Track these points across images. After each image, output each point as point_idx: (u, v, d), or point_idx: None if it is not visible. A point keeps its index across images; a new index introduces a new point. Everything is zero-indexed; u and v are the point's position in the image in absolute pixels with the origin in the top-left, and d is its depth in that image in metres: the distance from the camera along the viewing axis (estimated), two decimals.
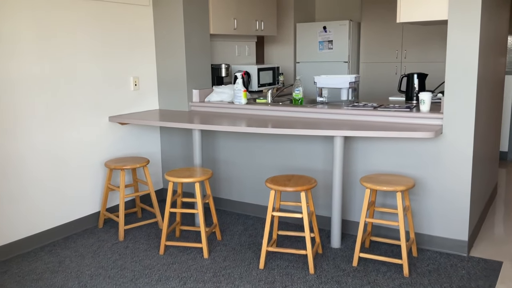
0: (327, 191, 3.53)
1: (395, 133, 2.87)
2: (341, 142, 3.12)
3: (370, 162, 3.31)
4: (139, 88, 4.05)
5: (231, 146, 3.90)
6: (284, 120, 3.44)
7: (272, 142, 3.70)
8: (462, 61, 2.89)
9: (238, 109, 3.84)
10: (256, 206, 3.86)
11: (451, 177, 3.04)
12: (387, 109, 3.25)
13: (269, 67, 5.05)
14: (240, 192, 3.93)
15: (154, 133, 4.25)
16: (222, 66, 4.52)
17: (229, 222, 3.76)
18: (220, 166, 3.99)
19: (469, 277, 2.77)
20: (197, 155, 3.58)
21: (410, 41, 5.78)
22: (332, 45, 5.92)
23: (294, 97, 3.70)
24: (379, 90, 6.00)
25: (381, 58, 6.01)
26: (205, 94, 4.16)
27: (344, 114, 3.37)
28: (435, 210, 3.13)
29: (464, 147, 2.96)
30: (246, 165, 3.85)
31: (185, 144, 4.16)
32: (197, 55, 4.10)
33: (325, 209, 3.57)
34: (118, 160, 3.62)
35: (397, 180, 2.90)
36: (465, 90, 2.91)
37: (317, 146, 3.51)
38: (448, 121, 2.99)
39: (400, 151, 3.19)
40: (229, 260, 3.07)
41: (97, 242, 3.41)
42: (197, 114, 3.88)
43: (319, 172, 3.53)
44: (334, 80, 3.64)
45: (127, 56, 3.90)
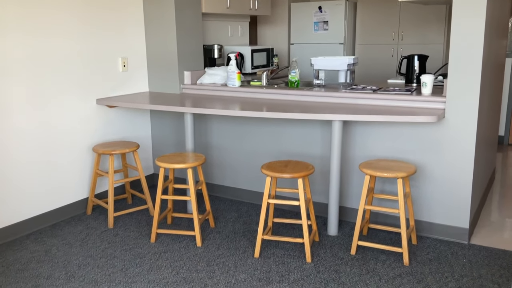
0: (323, 177, 3.43)
1: (397, 117, 2.75)
2: (340, 127, 3.00)
3: (369, 147, 3.20)
4: (127, 70, 3.88)
5: (224, 130, 3.77)
6: (279, 103, 3.30)
7: (267, 126, 3.57)
8: (466, 42, 2.77)
9: (231, 92, 3.70)
10: (250, 192, 3.75)
11: (452, 163, 2.94)
12: (387, 92, 3.13)
13: (263, 49, 4.89)
14: (233, 178, 3.82)
15: (144, 116, 4.10)
16: (215, 47, 4.36)
17: (222, 208, 3.64)
18: (212, 151, 3.86)
19: (471, 265, 2.69)
20: (189, 139, 3.44)
21: (408, 22, 5.64)
22: (327, 26, 5.76)
23: (290, 80, 3.56)
24: (375, 73, 5.87)
25: (377, 40, 5.87)
26: (197, 76, 4.00)
27: (342, 97, 3.25)
28: (435, 196, 3.04)
29: (467, 132, 2.86)
30: (240, 150, 3.72)
31: (176, 128, 4.02)
32: (189, 35, 3.93)
33: (321, 195, 3.47)
34: (106, 145, 3.47)
35: (398, 166, 2.79)
36: (469, 73, 2.79)
37: (314, 131, 3.39)
38: (451, 105, 2.88)
39: (400, 135, 3.08)
40: (223, 248, 2.97)
41: (85, 230, 3.28)
42: (189, 97, 3.73)
43: (316, 158, 3.42)
44: (332, 61, 3.50)
45: (115, 36, 3.72)
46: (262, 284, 2.54)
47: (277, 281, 2.57)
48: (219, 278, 2.60)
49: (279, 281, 2.56)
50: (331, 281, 2.55)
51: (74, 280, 2.61)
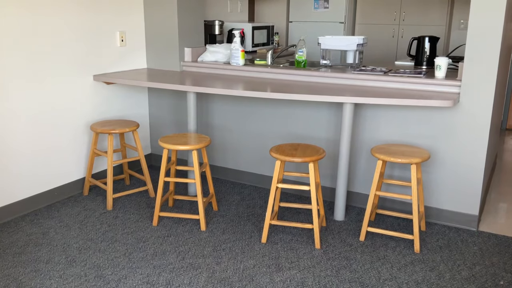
0: (330, 160, 3.34)
1: (412, 100, 2.66)
2: (351, 110, 2.90)
3: (378, 131, 3.12)
4: (126, 45, 3.70)
5: (226, 110, 3.64)
6: (285, 83, 3.18)
7: (271, 108, 3.46)
8: (486, 25, 2.67)
9: (234, 71, 3.56)
10: (253, 174, 3.65)
11: (465, 149, 2.87)
12: (399, 75, 3.03)
13: (264, 26, 4.74)
14: (235, 160, 3.71)
15: (142, 94, 3.94)
16: (216, 23, 4.19)
17: (225, 191, 3.54)
18: (214, 131, 3.74)
19: (482, 253, 2.65)
20: (192, 120, 3.31)
21: (410, 3, 5.52)
22: (328, 4, 5.61)
23: (297, 59, 3.43)
24: (376, 54, 5.76)
25: (378, 20, 5.74)
26: (198, 53, 3.85)
27: (351, 79, 3.14)
28: (445, 182, 2.98)
29: (481, 118, 2.79)
30: (243, 131, 3.61)
31: (175, 107, 3.88)
32: (190, 9, 3.76)
33: (327, 180, 3.39)
34: (104, 123, 3.32)
35: (411, 152, 2.72)
36: (487, 57, 2.70)
37: (320, 113, 3.29)
38: (467, 89, 2.79)
39: (411, 119, 3.00)
40: (228, 233, 2.88)
41: (83, 211, 3.16)
42: (190, 75, 3.58)
43: (322, 140, 3.33)
44: (341, 41, 3.38)
45: (112, 9, 3.54)
46: (272, 271, 2.46)
47: (287, 267, 2.50)
48: (227, 264, 2.52)
49: (289, 268, 2.49)
50: (342, 268, 2.49)
51: (76, 265, 2.50)
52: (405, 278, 2.41)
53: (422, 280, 2.39)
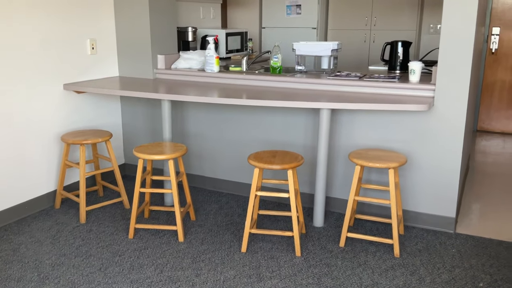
0: (308, 166, 3.33)
1: (388, 105, 2.67)
2: (328, 116, 2.90)
3: (355, 136, 3.12)
4: (96, 52, 3.61)
5: (202, 118, 3.59)
6: (261, 90, 3.16)
7: (248, 114, 3.43)
8: (458, 29, 2.71)
9: (209, 78, 3.52)
10: (230, 182, 3.60)
11: (440, 152, 2.90)
12: (374, 80, 3.04)
13: (238, 32, 4.71)
14: (212, 168, 3.66)
15: (114, 103, 3.85)
16: (189, 30, 4.14)
17: (202, 200, 3.48)
18: (189, 139, 3.68)
19: (461, 256, 2.68)
20: (167, 128, 3.24)
21: (380, 8, 5.59)
22: (300, 10, 5.63)
23: (272, 65, 3.41)
24: (348, 58, 5.81)
25: (350, 25, 5.80)
26: (171, 60, 3.79)
27: (327, 84, 3.14)
28: (422, 186, 3.01)
29: (456, 121, 2.82)
30: (219, 139, 3.56)
31: (149, 116, 3.80)
32: (162, 15, 3.70)
33: (306, 186, 3.37)
34: (76, 134, 3.22)
35: (388, 156, 2.73)
36: (460, 60, 2.74)
37: (298, 119, 3.27)
38: (441, 92, 2.83)
39: (387, 124, 3.02)
40: (207, 243, 2.82)
41: (55, 226, 3.05)
42: (164, 82, 3.52)
43: (300, 147, 3.31)
44: (315, 47, 3.38)
45: (82, 16, 3.44)
46: (253, 281, 2.42)
47: (268, 277, 2.46)
48: (206, 276, 2.46)
49: (270, 277, 2.45)
50: (323, 276, 2.47)
51: (49, 282, 2.40)
52: (387, 283, 2.40)
53: (403, 285, 2.39)
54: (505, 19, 5.23)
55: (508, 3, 5.18)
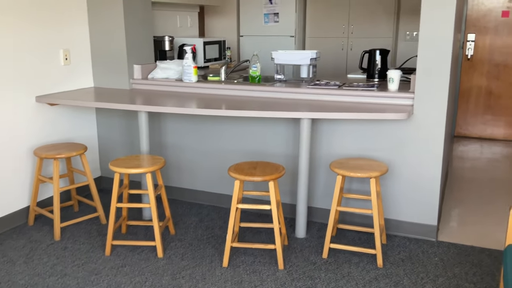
0: (289, 177, 3.29)
1: (368, 114, 2.65)
2: (308, 125, 2.86)
3: (335, 145, 3.10)
4: (70, 63, 3.51)
5: (180, 129, 3.52)
6: (240, 100, 3.11)
7: (227, 125, 3.37)
8: (436, 36, 2.71)
9: (187, 88, 3.45)
10: (211, 194, 3.53)
11: (421, 160, 2.90)
12: (353, 88, 3.03)
13: (216, 41, 4.66)
14: (192, 180, 3.58)
15: (89, 115, 3.74)
16: (166, 39, 4.07)
17: (182, 213, 3.40)
18: (168, 151, 3.60)
19: (444, 264, 2.66)
20: (144, 140, 3.16)
21: (357, 16, 5.62)
22: (278, 18, 5.61)
23: (251, 75, 3.37)
24: (326, 66, 5.82)
25: (327, 33, 5.81)
26: (148, 70, 3.71)
27: (306, 93, 3.11)
28: (403, 194, 2.99)
29: (435, 128, 2.82)
30: (198, 150, 3.49)
31: (126, 128, 3.71)
32: (138, 24, 3.62)
33: (287, 196, 3.33)
34: (49, 148, 3.11)
35: (369, 165, 2.70)
36: (439, 68, 2.74)
37: (278, 129, 3.23)
38: (420, 100, 2.82)
39: (367, 133, 3.00)
40: (187, 258, 2.74)
41: (28, 244, 2.93)
42: (140, 93, 3.44)
43: (281, 157, 3.27)
44: (294, 56, 3.35)
45: (55, 25, 3.35)
46: None
47: None
48: None
49: None
50: None
51: None
52: None
53: None
54: (479, 25, 5.31)
55: (483, 10, 5.27)
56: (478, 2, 5.26)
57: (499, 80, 5.36)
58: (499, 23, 5.22)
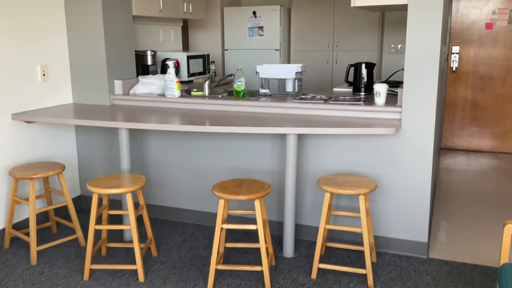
0: (276, 193, 3.19)
1: (355, 129, 2.58)
2: (295, 141, 2.78)
3: (322, 161, 3.02)
4: (48, 79, 3.40)
5: (163, 145, 3.41)
6: (225, 115, 3.03)
7: (212, 141, 3.28)
8: (423, 49, 2.67)
9: (170, 103, 3.36)
10: (195, 212, 3.42)
11: (409, 175, 2.83)
12: (340, 103, 2.96)
13: (199, 55, 4.59)
14: (175, 198, 3.47)
15: (68, 132, 3.62)
16: (148, 53, 3.98)
17: (165, 233, 3.28)
18: (150, 168, 3.49)
19: (435, 283, 2.58)
20: (125, 158, 3.05)
21: (342, 29, 5.60)
22: (262, 32, 5.57)
23: (236, 89, 3.29)
24: (312, 80, 5.78)
25: (312, 46, 5.78)
26: (129, 85, 3.61)
27: (292, 108, 3.04)
28: (392, 210, 2.92)
29: (424, 143, 2.76)
30: (182, 167, 3.39)
31: (107, 145, 3.59)
32: (119, 39, 3.53)
33: (274, 213, 3.23)
34: (25, 167, 2.98)
35: (358, 182, 2.63)
36: (426, 81, 2.69)
37: (263, 145, 3.15)
38: (407, 114, 2.77)
39: (355, 148, 2.93)
40: (170, 282, 2.62)
41: (3, 268, 2.78)
42: (121, 109, 3.33)
43: (267, 173, 3.18)
44: (279, 70, 3.28)
45: (32, 40, 3.24)
46: None
47: None
48: None
49: None
50: None
51: None
52: None
53: None
54: (463, 37, 5.32)
55: (467, 22, 5.28)
56: (461, 14, 5.28)
57: (484, 92, 5.36)
58: (483, 35, 5.24)
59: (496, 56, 5.24)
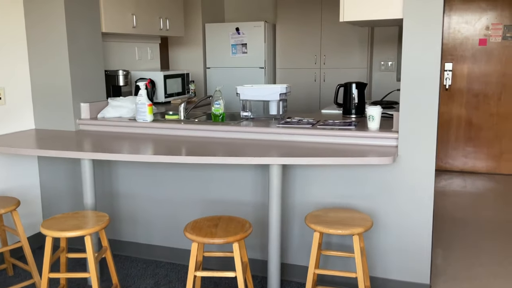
0: (259, 228, 2.86)
1: (348, 159, 2.28)
2: (279, 172, 2.47)
3: (310, 193, 2.71)
4: (5, 103, 3.06)
5: (133, 175, 3.07)
6: (202, 141, 2.71)
7: (187, 170, 2.95)
8: (421, 67, 2.39)
9: (142, 128, 3.03)
10: (169, 249, 3.07)
11: (408, 208, 2.53)
12: (329, 127, 2.66)
13: (178, 74, 4.28)
14: (147, 234, 3.12)
15: (30, 161, 3.27)
16: (120, 73, 3.66)
17: (135, 274, 2.92)
18: (119, 201, 3.14)
19: None
20: (88, 193, 2.71)
21: (329, 46, 5.35)
22: (246, 49, 5.29)
23: (214, 113, 2.98)
24: (299, 98, 5.49)
25: (299, 64, 5.51)
26: (97, 108, 3.28)
27: (277, 133, 2.73)
28: (390, 248, 2.60)
29: (424, 172, 2.47)
30: (155, 199, 3.05)
31: (73, 175, 3.24)
32: (86, 58, 3.21)
33: (256, 251, 2.90)
34: None
35: (351, 219, 2.31)
36: (425, 104, 2.41)
37: (244, 174, 2.82)
38: (405, 141, 2.47)
39: (347, 178, 2.62)
40: None
41: None
42: (88, 135, 3.00)
43: (249, 205, 2.85)
44: (262, 91, 2.98)
45: None
46: None
47: None
48: None
49: None
50: None
51: None
52: None
53: None
54: (456, 54, 5.10)
55: (459, 38, 5.06)
56: (454, 30, 5.06)
57: (479, 110, 5.12)
58: (476, 51, 5.02)
59: (490, 73, 5.01)
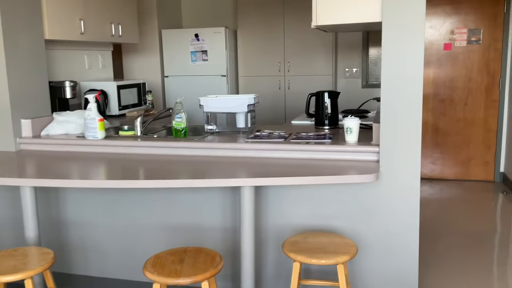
0: (230, 256, 2.57)
1: (325, 178, 2.04)
2: (251, 194, 2.19)
3: (286, 214, 2.45)
4: None
5: (84, 200, 2.72)
6: (163, 160, 2.40)
7: (146, 193, 2.62)
8: (402, 76, 2.18)
9: (92, 147, 2.69)
10: (126, 283, 2.73)
11: (392, 229, 2.31)
12: (303, 141, 2.42)
13: (133, 84, 3.94)
14: (101, 265, 2.76)
15: None
16: (66, 84, 3.30)
17: None
18: (69, 229, 2.77)
19: None
20: (30, 224, 2.35)
21: (293, 52, 5.14)
22: (207, 56, 5.01)
23: (175, 127, 2.67)
24: (265, 107, 5.25)
25: (262, 71, 5.27)
26: (41, 125, 2.90)
27: (246, 149, 2.46)
28: (373, 272, 2.38)
29: (409, 188, 2.26)
30: (110, 226, 2.70)
31: (12, 203, 2.84)
32: (26, 69, 2.83)
33: (227, 281, 2.60)
34: None
35: (334, 245, 2.07)
36: (408, 114, 2.20)
37: (212, 196, 2.53)
38: (387, 155, 2.26)
39: (325, 197, 2.38)
40: None
41: None
42: (30, 156, 2.62)
43: (218, 230, 2.56)
44: (228, 102, 2.71)
45: None
46: None
47: None
48: None
49: None
50: None
51: None
52: None
53: None
54: None
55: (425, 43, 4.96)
56: None
57: (445, 116, 5.04)
58: (442, 56, 4.94)
59: (456, 78, 4.94)
